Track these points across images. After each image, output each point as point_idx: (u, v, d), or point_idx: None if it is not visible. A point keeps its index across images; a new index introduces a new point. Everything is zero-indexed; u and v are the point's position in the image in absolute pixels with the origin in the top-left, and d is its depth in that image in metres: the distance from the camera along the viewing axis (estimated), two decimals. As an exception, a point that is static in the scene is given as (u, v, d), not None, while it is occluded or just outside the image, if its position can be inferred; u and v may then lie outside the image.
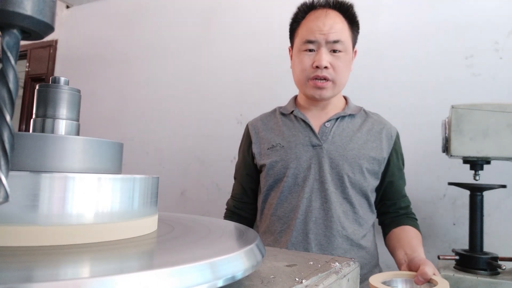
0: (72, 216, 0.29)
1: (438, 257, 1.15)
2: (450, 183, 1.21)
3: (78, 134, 0.39)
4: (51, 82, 0.37)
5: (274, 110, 1.18)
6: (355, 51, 1.11)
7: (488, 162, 1.13)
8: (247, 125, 1.19)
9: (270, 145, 1.08)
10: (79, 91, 0.39)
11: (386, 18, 1.71)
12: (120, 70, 2.51)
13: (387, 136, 1.08)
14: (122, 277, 0.21)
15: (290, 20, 1.12)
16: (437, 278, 0.76)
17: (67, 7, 2.84)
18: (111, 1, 2.64)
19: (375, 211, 1.09)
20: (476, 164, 1.13)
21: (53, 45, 2.85)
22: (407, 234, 1.01)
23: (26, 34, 0.23)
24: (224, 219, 1.21)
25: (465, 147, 1.07)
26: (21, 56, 2.98)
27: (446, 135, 1.12)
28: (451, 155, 1.10)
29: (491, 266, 1.07)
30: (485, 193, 1.15)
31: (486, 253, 1.11)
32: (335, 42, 1.00)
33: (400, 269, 0.91)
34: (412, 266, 0.83)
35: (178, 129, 2.18)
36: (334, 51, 1.01)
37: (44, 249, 0.27)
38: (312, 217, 0.99)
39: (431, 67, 1.59)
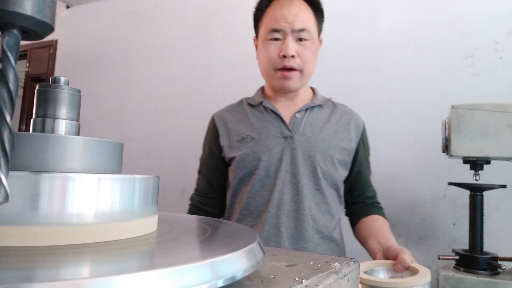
0: (72, 216, 0.29)
1: (438, 257, 1.15)
2: (450, 183, 1.21)
3: (78, 134, 0.39)
4: (51, 82, 0.37)
5: (241, 101, 1.15)
6: (321, 40, 1.09)
7: (488, 162, 1.13)
8: (212, 117, 1.15)
9: (240, 137, 1.04)
10: (79, 91, 0.39)
11: (385, 18, 1.71)
12: (120, 70, 2.51)
13: (355, 126, 1.08)
14: (122, 277, 0.21)
15: (254, 9, 1.09)
16: (416, 265, 0.77)
17: (67, 7, 2.84)
18: (111, 1, 2.64)
19: (343, 202, 1.09)
20: (476, 164, 1.13)
21: (53, 45, 2.84)
22: (377, 223, 1.02)
23: (26, 34, 0.23)
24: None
25: (465, 147, 1.07)
26: (21, 56, 2.98)
27: (446, 135, 1.12)
28: (451, 155, 1.10)
29: (491, 266, 1.07)
30: (485, 193, 1.15)
31: (486, 253, 1.11)
32: (301, 30, 0.99)
33: (374, 258, 0.91)
34: (389, 255, 0.84)
35: (178, 129, 2.18)
36: (300, 39, 0.99)
37: (44, 249, 0.27)
38: (284, 210, 0.98)
39: (431, 67, 1.59)
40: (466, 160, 1.14)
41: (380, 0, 1.73)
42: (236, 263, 0.28)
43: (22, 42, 0.24)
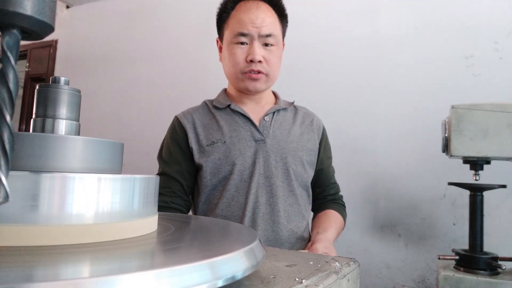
0: (72, 216, 0.29)
1: (438, 257, 1.15)
2: (450, 183, 1.21)
3: (78, 134, 0.39)
4: (51, 82, 0.37)
5: (204, 104, 1.12)
6: (284, 44, 1.10)
7: (488, 162, 1.13)
8: (177, 118, 1.08)
9: (210, 141, 1.00)
10: (79, 91, 0.39)
11: (386, 19, 1.71)
12: (120, 70, 2.51)
13: (316, 127, 1.11)
14: (122, 277, 0.21)
15: (218, 10, 1.08)
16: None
17: (67, 7, 2.84)
18: (111, 1, 2.64)
19: (311, 202, 1.10)
20: (476, 164, 1.13)
21: (53, 45, 2.85)
22: (326, 217, 1.04)
23: (26, 34, 0.23)
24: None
25: (465, 147, 1.07)
26: (21, 56, 2.98)
27: (446, 135, 1.12)
28: (451, 155, 1.10)
29: (491, 266, 1.07)
30: (485, 193, 1.15)
31: (486, 253, 1.11)
32: (268, 36, 0.99)
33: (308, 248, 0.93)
34: (311, 245, 0.86)
35: (178, 129, 2.18)
36: (266, 44, 1.00)
37: (44, 249, 0.27)
38: (259, 213, 0.97)
39: (431, 67, 1.59)
40: (466, 160, 1.14)
41: (380, 1, 1.73)
42: (236, 263, 0.28)
43: (22, 42, 0.24)
